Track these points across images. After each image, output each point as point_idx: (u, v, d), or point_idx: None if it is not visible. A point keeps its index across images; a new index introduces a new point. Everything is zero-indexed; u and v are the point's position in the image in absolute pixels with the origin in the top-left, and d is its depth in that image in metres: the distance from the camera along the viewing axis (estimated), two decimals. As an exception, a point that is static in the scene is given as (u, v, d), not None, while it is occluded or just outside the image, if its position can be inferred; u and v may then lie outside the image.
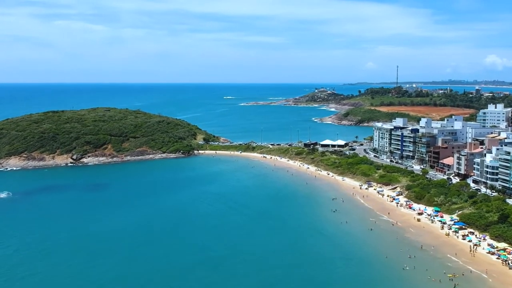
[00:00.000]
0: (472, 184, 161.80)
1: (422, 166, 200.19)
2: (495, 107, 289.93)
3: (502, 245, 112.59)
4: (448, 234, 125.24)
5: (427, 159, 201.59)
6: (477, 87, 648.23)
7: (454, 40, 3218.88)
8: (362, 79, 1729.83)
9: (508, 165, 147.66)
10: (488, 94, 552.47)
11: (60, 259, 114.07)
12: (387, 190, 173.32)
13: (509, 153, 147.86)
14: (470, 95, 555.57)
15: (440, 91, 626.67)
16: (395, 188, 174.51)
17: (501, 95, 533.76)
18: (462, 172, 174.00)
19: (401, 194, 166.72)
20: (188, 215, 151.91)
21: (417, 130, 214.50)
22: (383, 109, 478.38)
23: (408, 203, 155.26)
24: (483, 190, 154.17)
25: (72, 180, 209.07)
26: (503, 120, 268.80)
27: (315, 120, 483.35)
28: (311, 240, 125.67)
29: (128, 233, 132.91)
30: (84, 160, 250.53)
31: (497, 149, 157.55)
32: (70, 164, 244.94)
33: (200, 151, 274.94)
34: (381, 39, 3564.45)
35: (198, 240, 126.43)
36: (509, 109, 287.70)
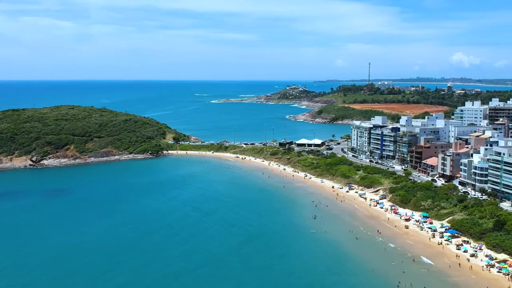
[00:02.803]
0: (459, 187, 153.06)
1: (403, 167, 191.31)
2: (472, 105, 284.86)
3: (502, 256, 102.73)
4: (440, 243, 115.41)
5: (408, 159, 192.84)
6: (448, 84, 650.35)
7: (421, 38, 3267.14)
8: (332, 77, 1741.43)
9: (498, 166, 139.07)
10: (460, 91, 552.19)
11: (21, 281, 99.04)
12: (369, 193, 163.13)
13: (499, 153, 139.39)
14: (442, 92, 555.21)
15: (412, 88, 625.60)
16: (378, 191, 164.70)
17: (473, 92, 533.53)
18: (448, 173, 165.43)
19: (385, 198, 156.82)
20: (157, 224, 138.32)
21: (397, 129, 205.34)
22: (357, 106, 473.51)
23: (393, 207, 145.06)
24: (472, 193, 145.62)
25: (31, 185, 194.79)
26: (480, 118, 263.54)
27: (289, 117, 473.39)
28: (290, 253, 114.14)
29: (95, 246, 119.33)
30: (45, 162, 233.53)
31: (486, 149, 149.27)
32: (29, 167, 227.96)
33: (169, 151, 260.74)
34: (351, 37, 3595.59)
35: (166, 253, 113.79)
36: (486, 106, 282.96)
